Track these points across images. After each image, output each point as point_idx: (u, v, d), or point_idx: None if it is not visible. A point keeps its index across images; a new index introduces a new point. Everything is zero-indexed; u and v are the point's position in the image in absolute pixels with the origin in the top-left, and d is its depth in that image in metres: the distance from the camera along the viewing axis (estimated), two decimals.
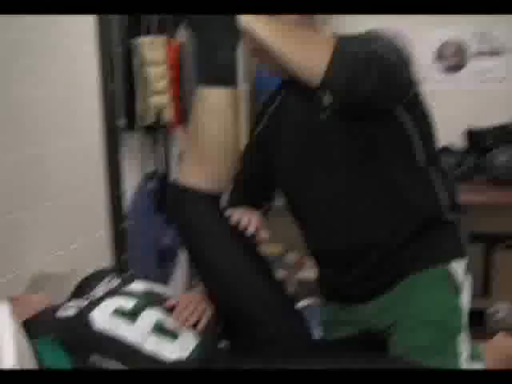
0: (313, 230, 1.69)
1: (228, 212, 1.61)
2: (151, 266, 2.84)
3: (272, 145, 1.73)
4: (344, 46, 1.43)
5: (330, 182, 1.62)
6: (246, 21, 1.46)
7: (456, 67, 3.86)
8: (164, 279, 2.98)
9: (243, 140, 1.74)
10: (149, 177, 2.82)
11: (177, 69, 2.84)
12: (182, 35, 2.99)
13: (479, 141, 3.72)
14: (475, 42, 3.75)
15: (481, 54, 3.80)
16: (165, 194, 2.86)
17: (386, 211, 1.58)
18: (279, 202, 1.85)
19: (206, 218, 1.54)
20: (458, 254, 1.60)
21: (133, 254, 2.59)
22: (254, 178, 1.80)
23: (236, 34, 1.49)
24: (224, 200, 1.68)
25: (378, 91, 1.42)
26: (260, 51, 1.53)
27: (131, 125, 2.56)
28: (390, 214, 1.58)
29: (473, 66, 3.84)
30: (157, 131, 2.76)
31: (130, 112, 2.55)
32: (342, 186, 1.60)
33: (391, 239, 1.57)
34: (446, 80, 3.85)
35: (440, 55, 3.83)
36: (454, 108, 3.75)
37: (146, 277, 2.33)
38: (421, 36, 3.72)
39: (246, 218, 1.59)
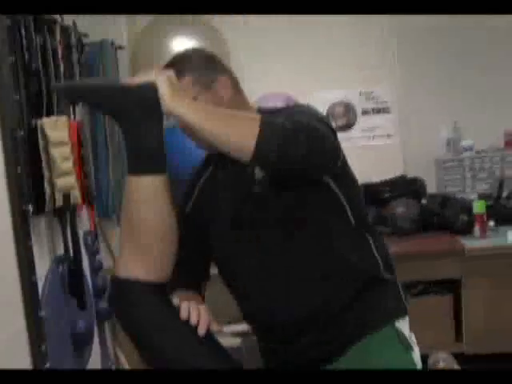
0: (251, 302, 1.68)
1: (174, 301, 1.56)
2: (68, 352, 2.71)
3: (205, 218, 1.73)
4: (270, 119, 1.48)
5: (267, 252, 1.63)
6: (170, 106, 1.44)
7: (347, 126, 4.03)
8: (81, 364, 2.86)
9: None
10: (59, 261, 2.72)
11: (79, 148, 2.80)
12: (80, 113, 2.97)
13: (375, 194, 3.87)
14: (362, 101, 3.95)
15: (367, 112, 4.00)
16: (75, 277, 2.76)
17: (327, 277, 1.60)
18: None
19: (152, 308, 1.50)
20: (402, 312, 1.64)
21: (50, 341, 2.48)
22: (191, 255, 1.76)
23: (160, 118, 1.48)
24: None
25: (308, 159, 1.46)
26: (186, 128, 1.55)
27: (39, 208, 2.47)
28: (331, 280, 1.60)
29: (362, 123, 4.02)
30: (64, 213, 2.68)
31: (37, 195, 2.47)
32: (281, 256, 1.62)
33: (334, 305, 1.59)
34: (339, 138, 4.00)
35: (331, 115, 3.99)
36: None
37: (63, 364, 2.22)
38: (311, 97, 3.86)
39: (195, 314, 1.53)
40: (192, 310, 1.53)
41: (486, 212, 3.54)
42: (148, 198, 1.48)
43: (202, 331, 1.51)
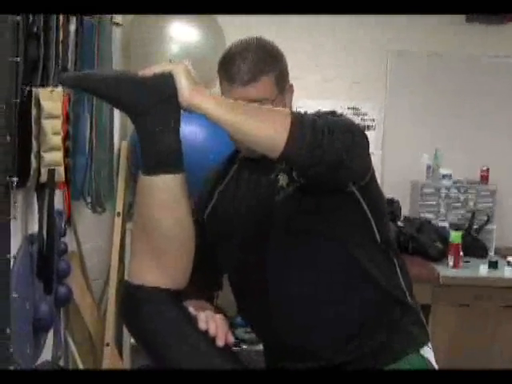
0: (267, 317, 1.58)
1: (192, 311, 1.44)
2: (29, 337, 2.56)
3: (223, 225, 1.63)
4: (302, 114, 1.38)
5: (287, 265, 1.54)
6: (189, 98, 1.32)
7: None
8: (37, 351, 2.70)
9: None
10: (31, 239, 2.55)
11: (66, 123, 2.65)
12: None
13: None
14: (349, 115, 3.88)
15: None
16: (45, 260, 2.59)
17: (349, 295, 1.53)
18: None
19: (168, 317, 1.39)
20: (427, 339, 1.59)
21: (14, 325, 2.32)
22: (206, 263, 1.63)
23: (177, 111, 1.35)
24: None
25: (342, 162, 1.38)
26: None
27: (22, 182, 2.31)
28: (354, 298, 1.53)
29: None
30: (44, 189, 2.51)
31: (21, 168, 2.30)
32: (302, 269, 1.53)
33: (355, 326, 1.53)
34: None
35: None
36: None
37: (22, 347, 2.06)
38: (299, 104, 3.79)
39: (214, 324, 1.41)
40: (210, 321, 1.42)
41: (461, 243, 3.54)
42: (166, 199, 1.35)
43: (221, 342, 1.40)
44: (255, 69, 1.53)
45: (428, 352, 1.57)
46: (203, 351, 1.39)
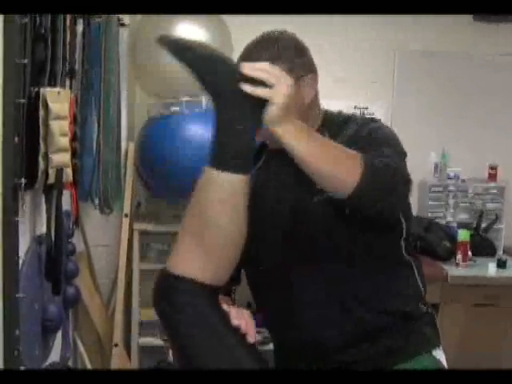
0: (286, 315, 1.60)
1: (225, 308, 1.44)
2: (38, 338, 2.56)
3: (251, 220, 1.62)
4: (371, 160, 1.40)
5: (317, 270, 1.55)
6: (276, 120, 1.32)
7: None
8: (46, 352, 2.70)
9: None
10: (39, 240, 2.56)
11: (74, 124, 2.65)
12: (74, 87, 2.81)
13: None
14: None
15: None
16: (54, 261, 2.60)
17: (374, 302, 1.56)
18: None
19: (203, 311, 1.39)
20: (439, 340, 1.62)
21: (22, 326, 2.32)
22: None
23: (260, 118, 1.34)
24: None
25: (398, 205, 1.48)
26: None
27: (30, 183, 2.31)
28: (378, 305, 1.56)
29: None
30: (51, 190, 2.52)
31: (28, 169, 2.30)
32: (331, 274, 1.55)
33: (378, 331, 1.54)
34: None
35: None
36: None
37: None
38: None
39: (244, 323, 1.42)
40: (241, 320, 1.42)
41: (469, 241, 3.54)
42: (228, 197, 1.34)
43: (252, 339, 1.41)
44: (269, 50, 1.55)
45: (440, 354, 1.59)
46: (232, 347, 1.38)
